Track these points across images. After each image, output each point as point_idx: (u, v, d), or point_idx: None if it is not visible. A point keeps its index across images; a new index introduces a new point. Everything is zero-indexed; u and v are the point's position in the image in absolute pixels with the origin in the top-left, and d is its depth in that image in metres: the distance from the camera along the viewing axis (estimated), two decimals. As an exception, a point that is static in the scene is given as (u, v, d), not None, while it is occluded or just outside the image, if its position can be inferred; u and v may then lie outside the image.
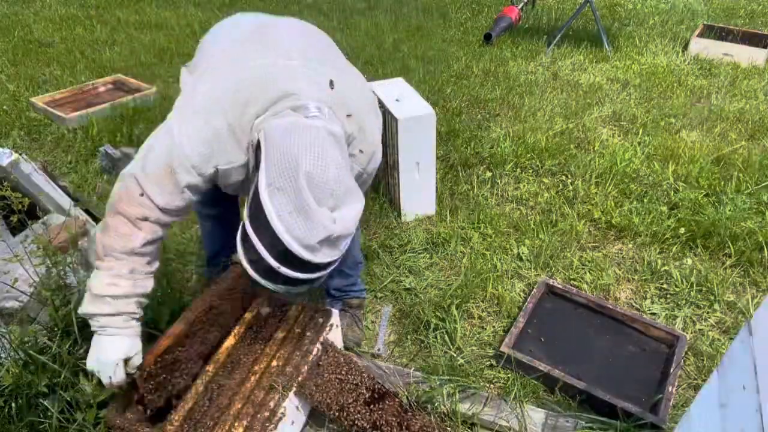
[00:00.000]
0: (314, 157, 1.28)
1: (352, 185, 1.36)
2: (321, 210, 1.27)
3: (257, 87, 1.40)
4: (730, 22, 5.27)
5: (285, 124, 1.33)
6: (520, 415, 1.75)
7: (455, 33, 5.17)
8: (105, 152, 3.02)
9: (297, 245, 1.25)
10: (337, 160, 1.32)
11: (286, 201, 1.26)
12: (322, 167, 1.28)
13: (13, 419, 1.60)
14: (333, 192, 1.30)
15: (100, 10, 5.75)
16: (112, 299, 1.42)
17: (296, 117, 1.35)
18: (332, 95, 1.45)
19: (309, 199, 1.26)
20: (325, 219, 1.27)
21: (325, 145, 1.31)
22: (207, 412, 1.55)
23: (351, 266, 2.05)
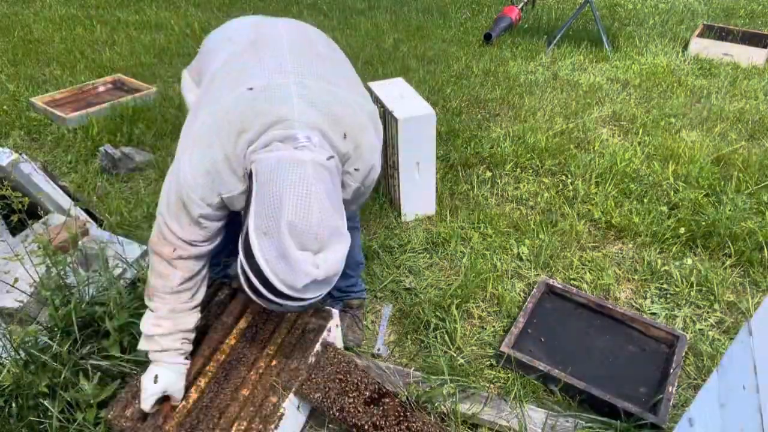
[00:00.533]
0: (297, 204, 1.28)
1: (337, 226, 1.34)
2: (304, 255, 1.28)
3: (249, 115, 1.39)
4: (730, 22, 5.27)
5: (272, 162, 1.32)
6: (520, 415, 1.75)
7: (455, 33, 5.17)
8: (105, 152, 3.03)
9: (283, 287, 1.29)
10: (321, 203, 1.30)
11: (270, 246, 1.27)
12: (304, 214, 1.27)
13: (13, 419, 1.60)
14: (317, 236, 1.29)
15: (100, 10, 5.75)
16: (159, 338, 1.54)
17: (284, 151, 1.34)
18: (327, 116, 1.43)
19: (291, 247, 1.26)
20: (307, 265, 1.28)
21: (309, 184, 1.30)
22: (207, 412, 1.55)
23: (352, 267, 2.05)
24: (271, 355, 1.70)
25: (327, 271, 1.31)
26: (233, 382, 1.63)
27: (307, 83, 1.47)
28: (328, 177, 1.36)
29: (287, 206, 1.27)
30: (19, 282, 1.81)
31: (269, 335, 1.77)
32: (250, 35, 1.63)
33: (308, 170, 1.31)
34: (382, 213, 2.72)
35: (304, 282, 1.28)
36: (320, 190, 1.31)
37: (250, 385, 1.62)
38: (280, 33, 1.63)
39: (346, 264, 2.00)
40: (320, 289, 1.35)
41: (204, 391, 1.61)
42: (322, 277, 1.30)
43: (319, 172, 1.33)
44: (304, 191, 1.29)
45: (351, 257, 2.00)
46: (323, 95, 1.47)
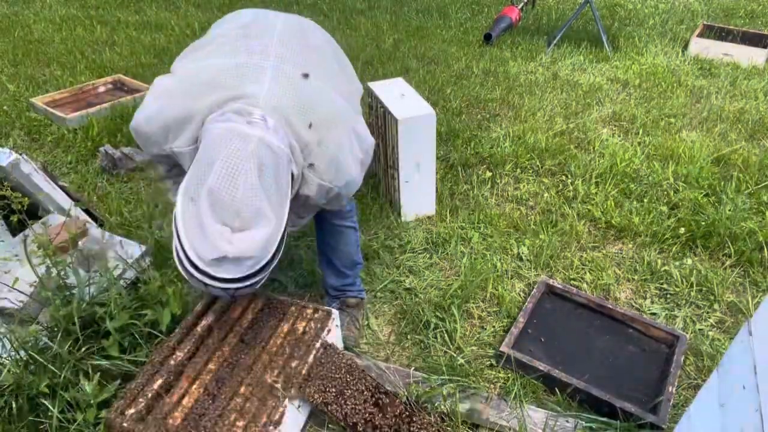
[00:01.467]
0: (223, 173, 1.26)
1: (262, 208, 1.31)
2: (219, 229, 1.26)
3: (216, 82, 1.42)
4: (730, 22, 5.27)
5: (219, 130, 1.33)
6: (520, 415, 1.75)
7: (455, 33, 5.17)
8: (105, 152, 3.03)
9: (196, 257, 1.28)
10: (250, 180, 1.28)
11: (191, 211, 1.27)
12: (229, 185, 1.26)
13: (13, 419, 1.61)
14: (239, 213, 1.27)
15: (100, 10, 5.75)
16: None
17: (235, 123, 1.33)
18: (296, 102, 1.43)
19: (206, 216, 1.25)
20: (218, 239, 1.26)
21: (244, 160, 1.28)
22: (207, 412, 1.55)
23: (348, 266, 2.06)
24: (271, 355, 1.70)
25: (240, 251, 1.28)
26: (233, 382, 1.63)
27: (285, 69, 1.47)
28: (271, 160, 1.33)
29: (214, 173, 1.26)
30: (20, 282, 1.81)
31: (270, 335, 1.77)
32: (245, 19, 1.67)
33: (250, 146, 1.30)
34: (382, 213, 2.72)
35: (213, 255, 1.26)
36: (253, 167, 1.29)
37: (250, 385, 1.62)
38: (275, 22, 1.65)
39: (343, 263, 2.02)
40: (235, 271, 1.31)
41: (204, 392, 1.61)
42: (233, 254, 1.27)
43: (262, 152, 1.31)
44: (235, 163, 1.28)
45: (347, 256, 2.02)
46: (298, 83, 1.47)
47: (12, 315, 1.85)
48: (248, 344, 1.74)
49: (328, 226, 1.94)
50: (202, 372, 1.66)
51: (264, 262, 1.36)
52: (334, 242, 1.99)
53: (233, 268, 1.31)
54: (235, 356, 1.71)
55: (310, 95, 1.47)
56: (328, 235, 1.97)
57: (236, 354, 1.71)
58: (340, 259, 2.02)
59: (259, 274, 1.38)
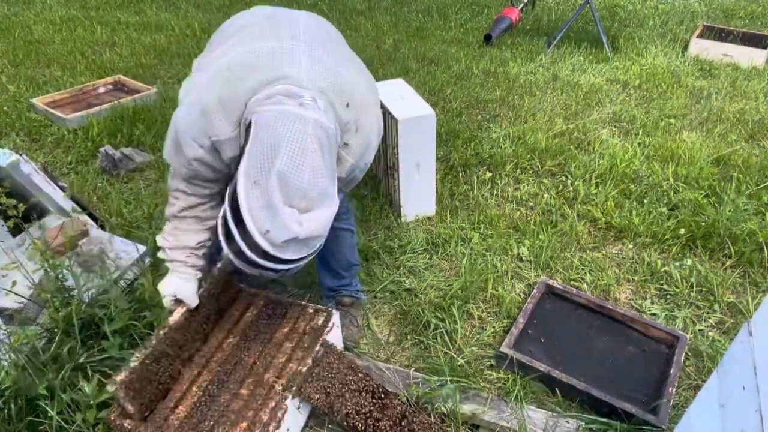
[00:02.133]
0: (291, 156, 1.27)
1: (327, 188, 1.34)
2: (289, 211, 1.27)
3: (254, 64, 1.42)
4: (730, 23, 5.28)
5: (274, 113, 1.33)
6: (521, 415, 1.75)
7: (455, 34, 5.17)
8: (105, 153, 3.03)
9: (263, 241, 1.28)
10: (315, 161, 1.30)
11: (258, 196, 1.27)
12: (297, 168, 1.27)
13: (12, 421, 1.60)
14: (306, 194, 1.29)
15: (100, 11, 5.76)
16: (168, 250, 1.67)
17: (288, 105, 1.34)
18: (333, 83, 1.45)
19: (277, 199, 1.26)
20: (290, 221, 1.27)
21: (307, 141, 1.30)
22: (207, 413, 1.55)
23: (344, 267, 2.05)
24: (271, 355, 1.70)
25: (310, 231, 1.30)
26: (234, 382, 1.63)
27: (316, 54, 1.49)
28: (326, 141, 1.35)
29: (282, 156, 1.27)
30: (18, 284, 1.81)
31: (270, 336, 1.77)
32: (266, 12, 1.68)
33: (309, 127, 1.31)
34: (382, 214, 2.72)
35: (284, 237, 1.27)
36: (317, 149, 1.31)
37: (251, 385, 1.62)
38: (297, 13, 1.68)
39: (339, 264, 2.02)
40: (300, 251, 1.33)
41: (205, 392, 1.60)
42: (304, 235, 1.29)
43: (319, 133, 1.33)
44: (300, 145, 1.29)
45: (343, 258, 2.02)
46: (332, 65, 1.49)
47: (12, 316, 1.85)
48: (249, 344, 1.74)
49: None
50: (203, 372, 1.66)
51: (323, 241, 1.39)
52: (330, 244, 1.97)
53: (299, 249, 1.32)
54: (236, 356, 1.70)
55: (344, 78, 1.50)
56: None
57: (237, 354, 1.71)
58: (336, 260, 2.03)
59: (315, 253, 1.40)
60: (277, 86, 1.37)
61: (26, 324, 1.83)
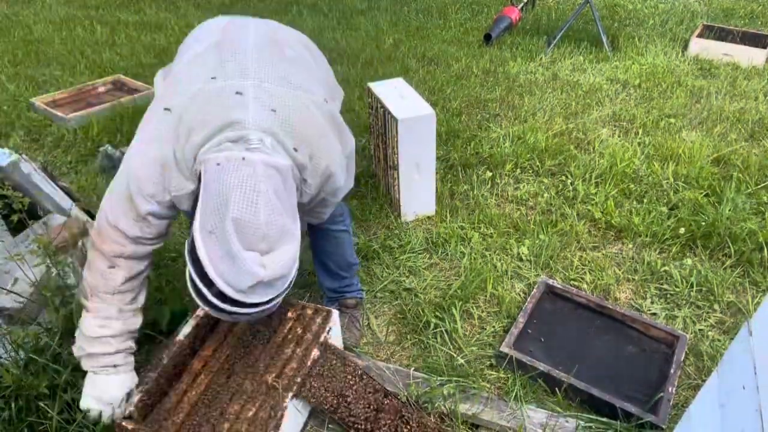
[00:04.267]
0: (243, 200, 1.25)
1: (287, 226, 1.31)
2: (249, 255, 1.25)
3: (201, 115, 1.38)
4: (730, 22, 5.28)
5: (220, 160, 1.30)
6: (520, 415, 1.75)
7: (455, 33, 5.17)
8: (105, 152, 3.03)
9: (229, 289, 1.26)
10: (269, 202, 1.27)
11: (215, 244, 1.25)
12: (251, 211, 1.25)
13: (13, 420, 1.60)
14: (264, 236, 1.26)
15: (100, 10, 5.75)
16: (110, 338, 1.48)
17: (234, 151, 1.31)
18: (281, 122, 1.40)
19: (236, 246, 1.23)
20: (252, 265, 1.24)
21: (258, 184, 1.27)
22: (207, 413, 1.55)
23: (344, 268, 2.05)
24: (271, 355, 1.70)
25: (274, 272, 1.28)
26: (233, 382, 1.63)
27: (266, 87, 1.45)
28: (278, 178, 1.33)
29: (233, 202, 1.25)
30: (19, 283, 1.81)
31: (269, 336, 1.77)
32: (216, 36, 1.62)
33: (257, 169, 1.29)
34: (382, 213, 2.72)
35: (249, 283, 1.25)
36: (269, 189, 1.28)
37: (251, 385, 1.62)
38: (247, 34, 1.61)
39: (338, 265, 2.02)
40: (267, 293, 1.30)
41: (204, 392, 1.61)
42: (268, 278, 1.27)
43: (269, 173, 1.31)
44: (251, 188, 1.26)
45: (342, 259, 2.01)
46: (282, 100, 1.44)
47: (12, 316, 1.85)
48: (249, 345, 1.74)
49: (320, 231, 1.93)
50: (203, 373, 1.66)
51: (292, 278, 1.36)
52: (328, 246, 1.99)
53: (266, 291, 1.30)
54: (236, 357, 1.71)
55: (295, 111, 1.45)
56: (321, 239, 1.97)
57: (237, 355, 1.71)
58: (334, 261, 2.03)
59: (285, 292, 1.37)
60: (224, 134, 1.34)
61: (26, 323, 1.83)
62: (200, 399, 1.59)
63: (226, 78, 1.45)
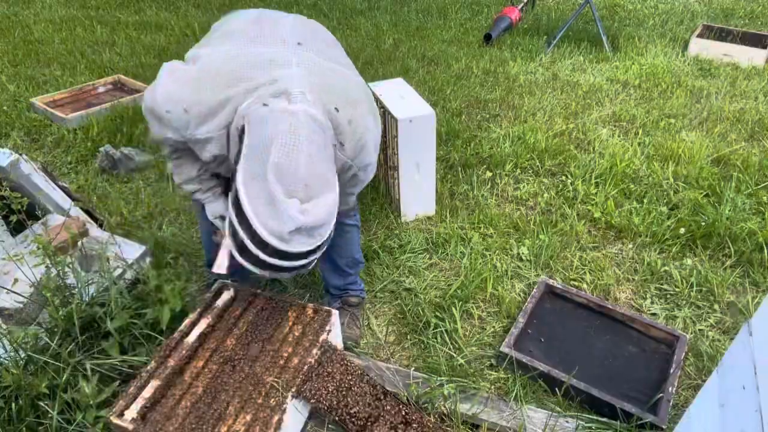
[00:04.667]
0: (285, 147, 1.29)
1: (326, 175, 1.35)
2: (289, 201, 1.28)
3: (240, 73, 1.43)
4: (730, 22, 5.28)
5: (264, 112, 1.36)
6: (520, 415, 1.75)
7: (455, 33, 5.17)
8: (105, 152, 3.03)
9: (268, 234, 1.29)
10: (310, 150, 1.31)
11: (258, 190, 1.29)
12: (292, 157, 1.29)
13: (13, 420, 1.60)
14: (305, 182, 1.30)
15: (100, 11, 5.75)
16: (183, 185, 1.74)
17: (277, 103, 1.37)
18: (322, 83, 1.46)
19: (276, 191, 1.27)
20: (292, 211, 1.28)
21: (299, 132, 1.31)
22: (207, 413, 1.55)
23: (350, 265, 2.05)
24: (271, 355, 1.70)
25: (315, 218, 1.31)
26: (234, 382, 1.63)
27: (305, 55, 1.51)
28: (319, 130, 1.37)
29: (275, 149, 1.29)
30: (19, 283, 1.81)
31: (269, 335, 1.77)
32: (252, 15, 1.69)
33: (300, 119, 1.33)
34: (382, 213, 2.72)
35: (289, 227, 1.28)
36: (310, 136, 1.33)
37: (251, 385, 1.62)
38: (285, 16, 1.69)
39: (345, 262, 2.02)
40: (308, 242, 1.33)
41: (205, 392, 1.60)
42: (309, 224, 1.30)
43: (310, 124, 1.35)
44: (293, 137, 1.31)
45: (350, 255, 2.02)
46: (320, 66, 1.51)
47: (12, 315, 1.85)
48: (248, 345, 1.74)
49: None
50: (203, 372, 1.66)
51: (331, 228, 1.39)
52: (337, 240, 1.97)
53: (306, 240, 1.32)
54: (236, 357, 1.70)
55: (336, 77, 1.52)
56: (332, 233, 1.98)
57: (236, 354, 1.71)
58: (342, 257, 2.02)
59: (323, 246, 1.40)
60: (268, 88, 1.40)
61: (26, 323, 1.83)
62: (200, 399, 1.59)
63: (267, 45, 1.51)
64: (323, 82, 1.47)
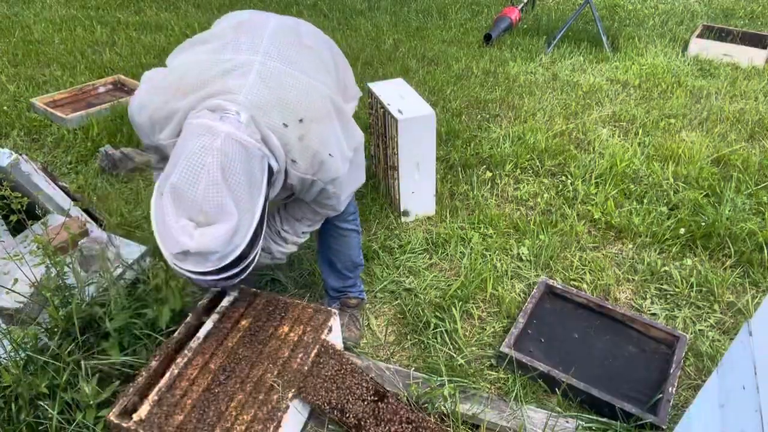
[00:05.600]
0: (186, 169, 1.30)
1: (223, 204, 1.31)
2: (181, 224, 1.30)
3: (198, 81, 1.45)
4: (730, 22, 5.28)
5: (192, 126, 1.37)
6: (520, 415, 1.75)
7: (455, 33, 5.17)
8: (105, 153, 3.03)
9: (165, 251, 1.34)
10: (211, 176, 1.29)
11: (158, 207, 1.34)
12: (190, 182, 1.29)
13: (12, 420, 1.60)
14: (201, 208, 1.30)
15: (100, 11, 5.75)
16: None
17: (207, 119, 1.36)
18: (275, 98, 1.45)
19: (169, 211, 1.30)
20: (180, 234, 1.30)
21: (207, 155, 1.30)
22: (208, 413, 1.55)
23: (349, 268, 2.05)
24: (271, 355, 1.70)
25: (200, 245, 1.31)
26: (233, 382, 1.63)
27: (271, 65, 1.50)
28: (240, 155, 1.35)
29: (179, 168, 1.31)
30: (19, 283, 1.81)
31: (270, 336, 1.76)
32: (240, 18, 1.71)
33: (216, 142, 1.32)
34: (382, 213, 2.72)
35: (175, 249, 1.31)
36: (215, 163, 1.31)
37: (251, 385, 1.62)
38: (268, 21, 1.67)
39: (344, 265, 2.02)
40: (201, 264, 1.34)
41: (205, 392, 1.60)
42: (195, 249, 1.31)
43: (229, 147, 1.33)
44: (198, 159, 1.31)
45: (348, 259, 2.02)
46: (284, 78, 1.49)
47: (12, 315, 1.85)
48: (248, 345, 1.74)
49: (330, 227, 1.94)
50: (203, 372, 1.66)
51: (233, 257, 1.37)
52: (336, 244, 1.98)
53: (199, 262, 1.34)
54: (236, 357, 1.70)
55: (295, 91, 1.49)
56: (330, 237, 1.97)
57: (236, 354, 1.71)
58: (341, 261, 2.02)
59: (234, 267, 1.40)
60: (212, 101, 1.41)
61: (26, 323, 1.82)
62: (200, 399, 1.59)
63: (237, 51, 1.51)
64: (277, 97, 1.45)
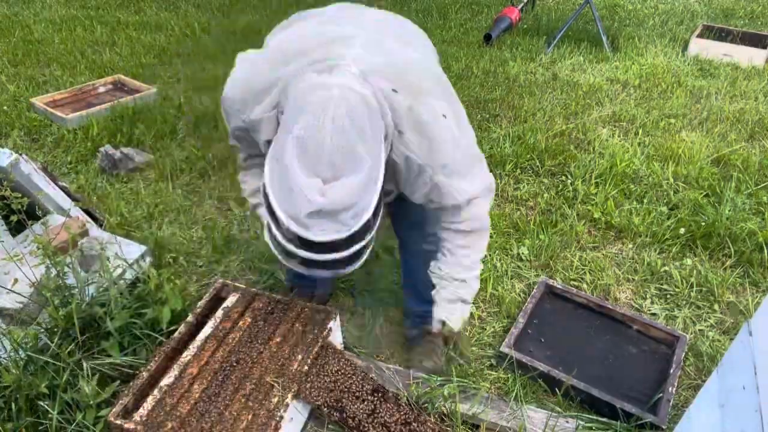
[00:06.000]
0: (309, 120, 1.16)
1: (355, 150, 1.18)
2: (308, 181, 1.15)
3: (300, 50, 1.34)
4: (730, 22, 5.28)
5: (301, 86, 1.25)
6: (520, 415, 1.75)
7: (455, 33, 5.17)
8: (105, 153, 3.03)
9: (286, 218, 1.18)
10: (338, 121, 1.16)
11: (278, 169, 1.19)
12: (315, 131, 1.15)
13: (13, 420, 1.60)
14: (329, 159, 1.15)
15: (100, 11, 5.75)
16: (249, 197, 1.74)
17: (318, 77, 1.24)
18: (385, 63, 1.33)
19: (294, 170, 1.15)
20: (310, 191, 1.15)
21: (328, 103, 1.17)
22: (208, 413, 1.55)
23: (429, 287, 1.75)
24: (271, 355, 1.70)
25: (334, 201, 1.15)
26: (234, 382, 1.63)
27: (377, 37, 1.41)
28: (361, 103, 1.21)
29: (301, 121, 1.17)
30: (19, 283, 1.81)
31: (270, 335, 1.77)
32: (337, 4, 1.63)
33: (335, 91, 1.20)
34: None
35: (306, 209, 1.14)
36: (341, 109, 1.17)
37: (251, 385, 1.62)
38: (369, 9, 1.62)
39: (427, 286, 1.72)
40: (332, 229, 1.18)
41: (205, 392, 1.60)
42: (328, 206, 1.15)
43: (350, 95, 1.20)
44: (321, 108, 1.17)
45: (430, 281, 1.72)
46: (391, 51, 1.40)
47: (12, 316, 1.85)
48: (249, 344, 1.74)
49: (413, 249, 1.81)
50: (203, 372, 1.66)
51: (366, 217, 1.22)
52: (418, 267, 1.79)
53: (329, 226, 1.17)
54: (236, 357, 1.70)
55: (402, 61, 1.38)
56: (414, 259, 1.83)
57: (237, 354, 1.71)
58: (424, 283, 1.75)
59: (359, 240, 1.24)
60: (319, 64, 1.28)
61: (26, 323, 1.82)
62: (200, 399, 1.59)
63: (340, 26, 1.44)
64: (385, 62, 1.33)
